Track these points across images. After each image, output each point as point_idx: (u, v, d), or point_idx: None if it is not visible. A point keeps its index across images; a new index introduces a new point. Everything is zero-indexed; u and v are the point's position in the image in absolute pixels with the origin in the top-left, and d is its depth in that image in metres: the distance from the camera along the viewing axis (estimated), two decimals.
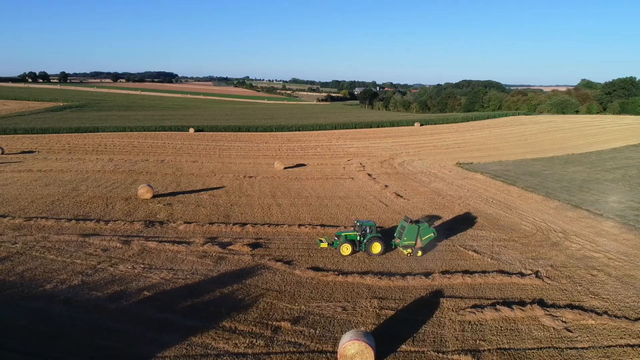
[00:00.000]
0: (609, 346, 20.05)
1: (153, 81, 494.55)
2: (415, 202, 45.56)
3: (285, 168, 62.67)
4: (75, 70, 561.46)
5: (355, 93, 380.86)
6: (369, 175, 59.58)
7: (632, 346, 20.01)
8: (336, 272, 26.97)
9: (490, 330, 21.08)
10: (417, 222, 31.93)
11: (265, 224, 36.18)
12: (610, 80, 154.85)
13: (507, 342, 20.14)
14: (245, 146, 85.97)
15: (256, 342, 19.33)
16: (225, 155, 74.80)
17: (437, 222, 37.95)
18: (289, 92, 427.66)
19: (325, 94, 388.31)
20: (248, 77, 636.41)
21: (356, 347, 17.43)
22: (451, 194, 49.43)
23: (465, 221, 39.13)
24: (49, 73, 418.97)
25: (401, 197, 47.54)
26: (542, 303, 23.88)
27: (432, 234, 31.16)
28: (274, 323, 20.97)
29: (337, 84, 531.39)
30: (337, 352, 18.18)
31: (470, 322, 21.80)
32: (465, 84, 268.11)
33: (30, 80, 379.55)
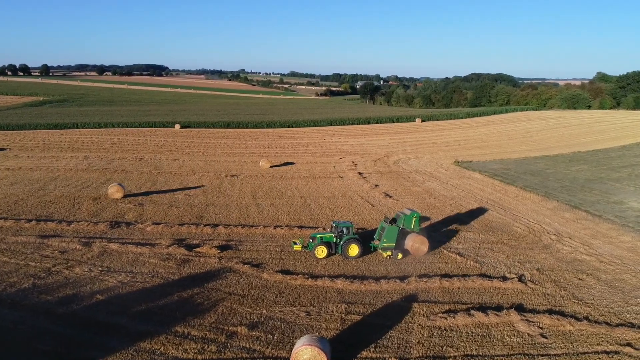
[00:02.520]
0: (584, 353, 20.20)
1: (141, 74, 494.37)
2: (405, 202, 45.69)
3: (271, 167, 62.92)
4: (58, 63, 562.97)
5: (357, 87, 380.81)
6: (360, 174, 59.80)
7: (608, 353, 20.16)
8: (306, 276, 27.18)
9: (460, 336, 21.25)
10: (394, 220, 32.14)
11: (239, 225, 36.39)
12: (625, 74, 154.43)
13: (476, 349, 20.31)
14: (233, 143, 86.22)
15: (208, 347, 19.52)
16: (210, 153, 75.05)
17: (425, 224, 38.05)
18: (286, 86, 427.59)
19: (324, 88, 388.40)
20: (243, 70, 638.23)
21: (309, 352, 17.62)
22: (444, 194, 49.63)
23: (454, 222, 39.38)
24: (30, 66, 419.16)
25: (390, 197, 47.73)
26: (520, 308, 24.05)
27: (415, 217, 31.92)
28: (230, 328, 21.16)
29: (338, 77, 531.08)
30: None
31: (440, 327, 21.97)
32: (475, 78, 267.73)
33: (9, 73, 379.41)
